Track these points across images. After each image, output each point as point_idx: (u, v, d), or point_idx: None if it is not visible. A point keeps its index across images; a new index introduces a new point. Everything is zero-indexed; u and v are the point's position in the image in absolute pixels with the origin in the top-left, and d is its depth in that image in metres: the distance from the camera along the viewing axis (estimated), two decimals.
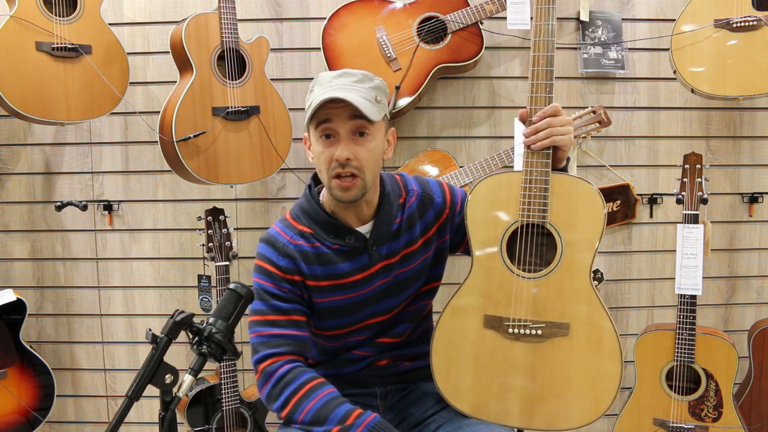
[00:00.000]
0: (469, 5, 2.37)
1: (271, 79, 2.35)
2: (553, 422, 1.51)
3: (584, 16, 2.50)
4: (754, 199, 2.61)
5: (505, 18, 2.40)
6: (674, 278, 2.24)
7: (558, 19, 2.56)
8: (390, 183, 1.60)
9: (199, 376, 1.93)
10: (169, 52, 2.29)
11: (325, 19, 2.37)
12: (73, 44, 2.16)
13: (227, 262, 2.28)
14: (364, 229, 1.56)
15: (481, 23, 2.39)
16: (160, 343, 1.18)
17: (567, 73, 2.58)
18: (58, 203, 2.48)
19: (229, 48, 2.25)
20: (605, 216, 1.47)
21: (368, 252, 1.55)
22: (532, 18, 2.40)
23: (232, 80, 2.26)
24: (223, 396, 2.25)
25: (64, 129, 2.60)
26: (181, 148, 2.18)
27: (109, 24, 2.27)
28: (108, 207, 2.62)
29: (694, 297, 2.21)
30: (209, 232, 2.27)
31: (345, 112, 1.42)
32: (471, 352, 1.54)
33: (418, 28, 2.37)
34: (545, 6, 1.48)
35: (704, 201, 2.20)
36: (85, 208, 2.48)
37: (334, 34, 2.37)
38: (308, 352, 1.59)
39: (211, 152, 2.24)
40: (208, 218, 2.28)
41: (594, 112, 2.40)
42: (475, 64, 2.44)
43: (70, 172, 2.63)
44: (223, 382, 2.25)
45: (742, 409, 2.36)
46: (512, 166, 2.34)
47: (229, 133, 2.26)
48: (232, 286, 1.28)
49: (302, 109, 2.54)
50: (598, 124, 2.40)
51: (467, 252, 1.59)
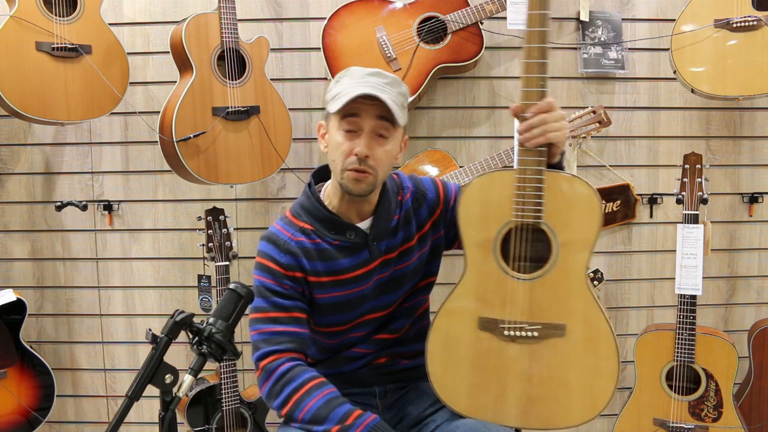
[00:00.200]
0: (469, 5, 2.37)
1: (271, 79, 2.35)
2: (550, 422, 1.50)
3: (584, 16, 2.50)
4: (754, 199, 2.61)
5: (505, 18, 2.39)
6: (674, 278, 2.24)
7: (558, 19, 2.56)
8: (389, 181, 1.62)
9: (199, 376, 1.93)
10: (169, 52, 2.29)
11: (325, 19, 2.37)
12: (73, 44, 2.16)
13: (227, 262, 2.28)
14: (364, 225, 1.57)
15: (481, 23, 2.39)
16: (160, 343, 1.18)
17: (567, 73, 2.58)
18: (58, 203, 2.48)
19: (229, 48, 2.25)
20: (601, 215, 1.44)
21: (369, 247, 1.56)
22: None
23: (232, 80, 2.26)
24: (223, 396, 2.25)
25: (64, 129, 2.60)
26: (181, 148, 2.18)
27: (109, 24, 2.27)
28: (108, 207, 2.62)
29: (694, 297, 2.21)
30: (209, 232, 2.27)
31: (373, 110, 1.43)
32: (466, 355, 1.53)
33: (418, 28, 2.37)
34: None
35: (704, 201, 2.20)
36: (85, 208, 2.48)
37: (334, 34, 2.37)
38: (309, 350, 1.60)
39: (211, 152, 2.23)
40: (208, 218, 2.28)
41: (594, 112, 2.40)
42: (475, 64, 2.44)
43: (70, 172, 2.62)
44: (223, 382, 2.25)
45: (742, 409, 2.36)
46: (512, 166, 2.33)
47: (229, 133, 2.26)
48: (232, 286, 1.28)
49: (302, 109, 2.58)
50: (598, 124, 2.40)
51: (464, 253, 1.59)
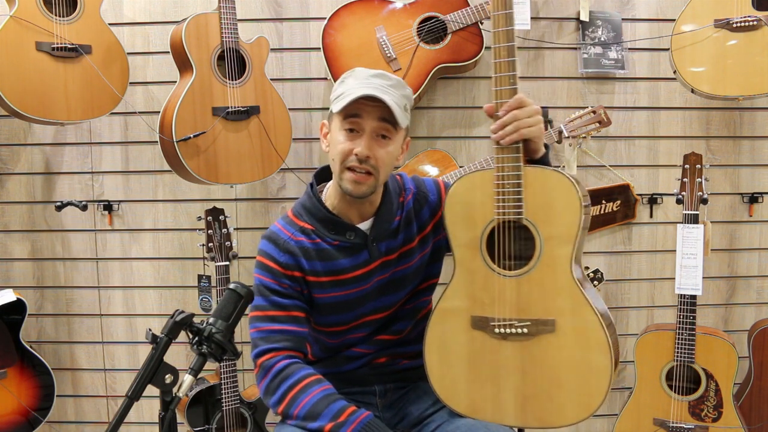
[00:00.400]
0: (469, 5, 2.37)
1: (271, 79, 2.35)
2: (547, 420, 1.50)
3: (584, 16, 2.50)
4: (754, 199, 2.61)
5: None
6: (674, 278, 2.24)
7: (558, 19, 2.57)
8: (391, 182, 1.62)
9: (199, 376, 1.93)
10: (169, 52, 2.29)
11: (325, 19, 2.38)
12: (73, 44, 2.16)
13: (227, 262, 2.28)
14: (365, 225, 1.57)
15: (481, 23, 2.39)
16: (160, 343, 1.18)
17: (567, 73, 2.58)
18: (58, 203, 2.48)
19: (229, 48, 2.25)
20: (582, 207, 1.43)
21: (368, 248, 1.56)
22: (532, 17, 2.44)
23: (232, 80, 2.26)
24: (223, 396, 2.25)
25: (64, 129, 2.60)
26: (181, 148, 2.18)
27: (109, 24, 2.27)
28: (108, 207, 2.62)
29: (694, 297, 2.21)
30: (209, 232, 2.27)
31: (376, 112, 1.44)
32: (462, 354, 1.54)
33: (418, 28, 2.37)
34: None
35: (704, 201, 2.20)
36: (85, 208, 2.48)
37: (334, 34, 2.37)
38: (307, 348, 1.60)
39: (211, 152, 2.24)
40: (208, 218, 2.28)
41: (594, 112, 2.40)
42: (475, 64, 2.44)
43: (70, 172, 2.63)
44: (223, 382, 2.25)
45: (742, 409, 2.36)
46: None
47: (229, 133, 2.26)
48: (232, 286, 1.28)
49: (302, 109, 2.58)
50: (598, 124, 2.40)
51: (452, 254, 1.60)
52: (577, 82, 2.59)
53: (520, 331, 1.49)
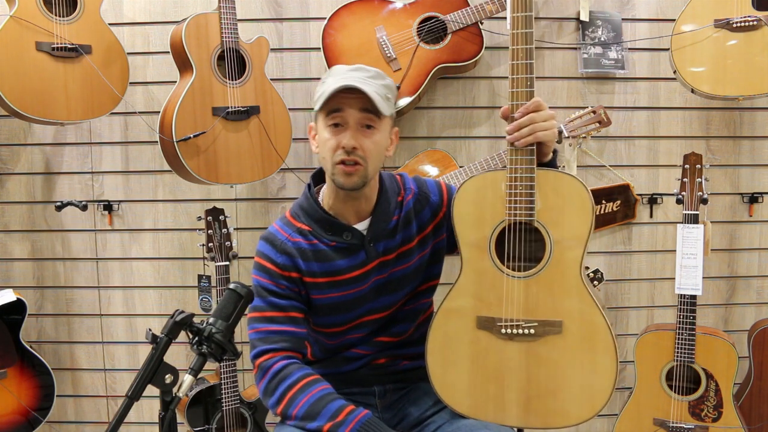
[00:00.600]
0: (469, 5, 2.37)
1: (271, 79, 2.35)
2: (550, 421, 1.50)
3: (584, 16, 2.50)
4: (754, 199, 2.61)
5: (505, 18, 2.40)
6: (674, 278, 2.24)
7: (558, 19, 2.56)
8: (388, 181, 1.62)
9: (199, 376, 1.93)
10: (169, 52, 2.28)
11: (325, 19, 2.37)
12: (73, 44, 2.16)
13: (227, 262, 2.28)
14: (361, 226, 1.57)
15: (481, 23, 2.39)
16: (160, 343, 1.18)
17: (567, 73, 2.58)
18: (58, 203, 2.48)
19: (229, 48, 2.25)
20: (593, 211, 1.45)
21: (365, 249, 1.56)
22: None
23: (232, 80, 2.26)
24: (223, 396, 2.25)
25: (64, 129, 2.60)
26: (181, 148, 2.18)
27: (109, 24, 2.27)
28: (108, 207, 2.62)
29: (694, 297, 2.21)
30: (209, 232, 2.27)
31: (357, 103, 1.44)
32: (466, 354, 1.54)
33: (418, 28, 2.37)
34: None
35: (704, 201, 2.20)
36: (85, 208, 2.48)
37: (334, 34, 2.37)
38: (306, 349, 1.60)
39: (211, 152, 2.24)
40: (208, 218, 2.28)
41: (594, 112, 2.40)
42: (475, 64, 2.44)
43: (70, 172, 2.62)
44: (223, 382, 2.25)
45: (742, 409, 2.36)
46: None
47: (229, 133, 2.26)
48: (232, 286, 1.28)
49: (302, 109, 2.58)
50: (598, 124, 2.40)
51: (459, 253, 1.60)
52: (577, 82, 2.59)
53: (526, 331, 1.49)
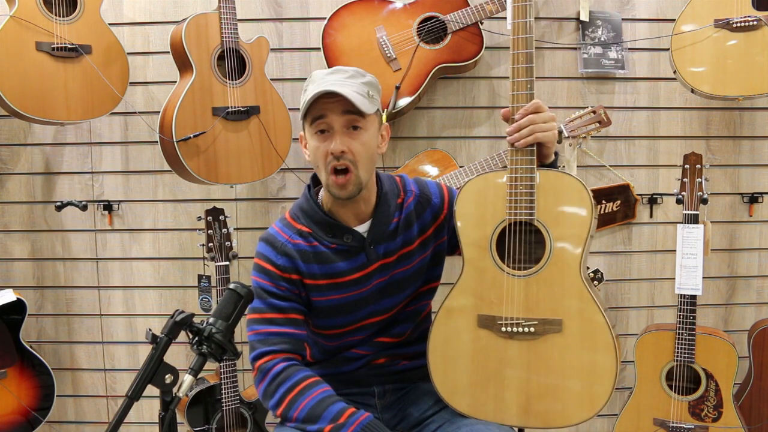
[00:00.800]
0: (469, 5, 2.37)
1: (271, 79, 2.35)
2: (550, 420, 1.50)
3: (584, 16, 2.50)
4: (754, 199, 2.61)
5: (505, 18, 2.40)
6: (674, 278, 2.24)
7: (558, 19, 2.57)
8: (388, 183, 1.61)
9: (199, 376, 1.93)
10: (169, 52, 2.29)
11: (325, 19, 2.37)
12: (73, 44, 2.16)
13: (227, 262, 2.28)
14: (362, 228, 1.57)
15: (481, 23, 2.39)
16: (160, 343, 1.18)
17: (567, 73, 2.58)
18: (58, 203, 2.48)
19: (229, 48, 2.25)
20: (593, 210, 1.47)
21: (366, 251, 1.56)
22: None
23: (232, 80, 2.26)
24: (223, 396, 2.25)
25: (64, 129, 2.60)
26: (181, 148, 2.18)
27: (109, 24, 2.27)
28: (108, 207, 2.62)
29: (694, 297, 2.21)
30: (209, 232, 2.27)
31: (338, 107, 1.44)
32: (466, 353, 1.55)
33: (418, 28, 2.37)
34: (522, 3, 1.48)
35: (704, 201, 2.20)
36: (85, 208, 2.48)
37: (334, 34, 2.37)
38: (305, 351, 1.60)
39: (211, 152, 2.24)
40: (208, 218, 2.28)
41: (594, 112, 2.40)
42: (475, 64, 2.44)
43: (70, 172, 2.63)
44: (223, 382, 2.25)
45: (742, 409, 2.36)
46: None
47: (229, 133, 2.26)
48: (232, 286, 1.28)
49: None
50: (598, 124, 2.40)
51: (461, 253, 1.60)
52: (577, 82, 2.59)
53: (526, 330, 1.50)
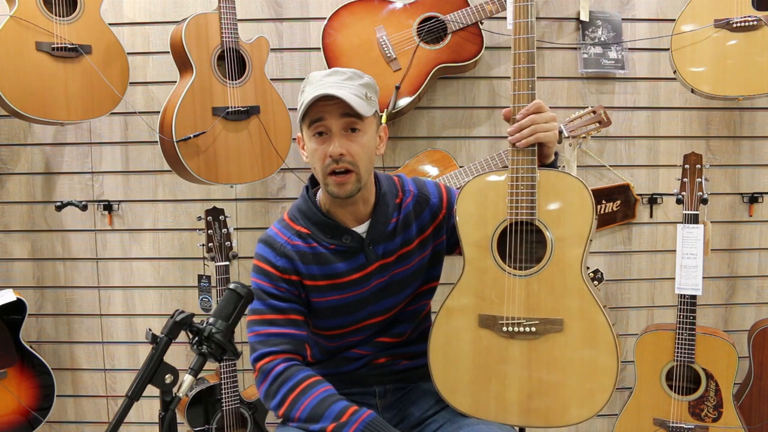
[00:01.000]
0: (469, 5, 2.37)
1: (271, 79, 2.35)
2: (551, 419, 1.51)
3: (584, 16, 2.50)
4: (754, 199, 2.61)
5: (505, 18, 2.40)
6: (674, 278, 2.24)
7: (558, 19, 2.57)
8: (387, 183, 1.61)
9: (199, 376, 1.93)
10: (169, 52, 2.29)
11: (325, 19, 2.37)
12: (73, 44, 2.16)
13: (227, 262, 2.28)
14: (361, 228, 1.57)
15: (481, 23, 2.39)
16: (160, 343, 1.18)
17: (567, 73, 2.58)
18: (58, 203, 2.48)
19: (229, 48, 2.25)
20: (594, 210, 1.47)
21: (365, 251, 1.56)
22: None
23: (232, 80, 2.26)
24: (223, 396, 2.25)
25: (64, 129, 2.60)
26: (181, 148, 2.18)
27: (109, 24, 2.27)
28: (108, 207, 2.62)
29: (694, 297, 2.21)
30: (209, 232, 2.27)
31: (336, 109, 1.44)
32: (467, 352, 1.55)
33: (418, 28, 2.37)
34: (524, 3, 1.48)
35: (704, 201, 2.20)
36: (85, 208, 2.48)
37: (334, 34, 2.37)
38: (306, 351, 1.60)
39: (211, 152, 2.24)
40: (208, 218, 2.28)
41: (594, 112, 2.40)
42: (475, 64, 2.44)
43: (70, 172, 2.63)
44: (223, 382, 2.25)
45: (742, 409, 2.36)
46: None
47: (229, 133, 2.26)
48: (232, 286, 1.28)
49: None
50: (598, 124, 2.40)
51: (462, 253, 1.60)
52: (577, 82, 2.59)
53: (527, 329, 1.50)
